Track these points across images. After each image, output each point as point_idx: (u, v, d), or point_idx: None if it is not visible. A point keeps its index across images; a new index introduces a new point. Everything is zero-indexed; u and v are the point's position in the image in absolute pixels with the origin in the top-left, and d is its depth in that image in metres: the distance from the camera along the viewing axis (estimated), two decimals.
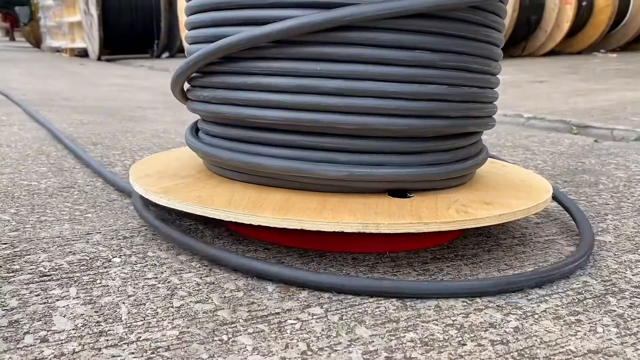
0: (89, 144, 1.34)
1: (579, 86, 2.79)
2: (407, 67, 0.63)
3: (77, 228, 0.76)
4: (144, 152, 1.26)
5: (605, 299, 0.58)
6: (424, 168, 0.68)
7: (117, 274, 0.61)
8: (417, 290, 0.57)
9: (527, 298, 0.58)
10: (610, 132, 1.59)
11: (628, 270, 0.66)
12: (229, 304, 0.55)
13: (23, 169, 1.08)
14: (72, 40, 6.92)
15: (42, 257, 0.65)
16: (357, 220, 0.60)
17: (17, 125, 1.61)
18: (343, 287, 0.57)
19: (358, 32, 0.62)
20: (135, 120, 1.78)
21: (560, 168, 1.18)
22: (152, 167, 0.81)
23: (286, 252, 0.68)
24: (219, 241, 0.71)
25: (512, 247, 0.72)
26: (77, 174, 1.05)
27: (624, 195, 0.98)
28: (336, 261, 0.66)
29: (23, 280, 0.59)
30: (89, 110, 1.99)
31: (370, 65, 0.63)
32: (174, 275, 0.61)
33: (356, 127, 0.64)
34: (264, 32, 0.63)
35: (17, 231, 0.74)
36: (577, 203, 0.92)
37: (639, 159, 1.28)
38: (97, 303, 0.55)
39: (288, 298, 0.57)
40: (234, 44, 0.65)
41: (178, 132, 1.57)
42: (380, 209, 0.63)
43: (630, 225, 0.82)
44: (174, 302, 0.55)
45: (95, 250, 0.68)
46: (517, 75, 3.44)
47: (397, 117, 0.64)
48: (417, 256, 0.68)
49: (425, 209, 0.64)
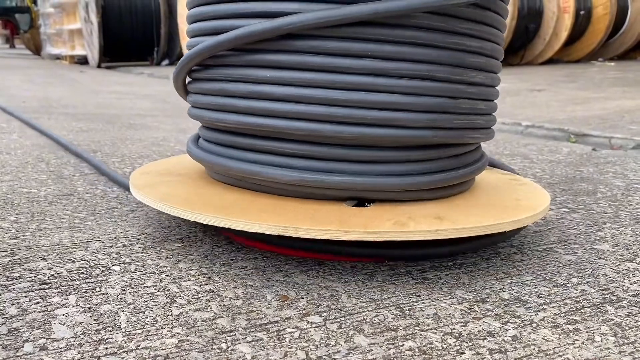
0: (88, 152, 1.34)
1: (577, 94, 2.80)
2: (355, 75, 0.64)
3: (77, 236, 0.76)
4: (143, 160, 1.27)
5: (603, 307, 0.58)
6: (379, 178, 0.67)
7: (116, 282, 0.61)
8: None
9: (525, 307, 0.58)
10: (608, 141, 1.59)
11: (626, 279, 0.66)
12: (228, 312, 0.55)
13: (23, 177, 1.08)
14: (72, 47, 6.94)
15: (41, 265, 0.65)
16: (278, 222, 0.60)
17: (17, 132, 1.61)
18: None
19: (303, 41, 0.63)
20: (134, 128, 1.79)
21: (558, 176, 1.19)
22: (160, 166, 0.86)
23: (285, 260, 0.68)
24: (218, 249, 0.72)
25: (510, 255, 0.72)
26: (76, 182, 1.05)
27: (622, 203, 0.98)
28: (335, 269, 0.66)
29: (23, 288, 0.59)
30: (88, 118, 1.99)
31: (318, 72, 0.64)
32: (173, 283, 0.61)
33: (307, 133, 0.65)
34: (219, 41, 0.66)
35: (16, 239, 0.74)
36: (576, 212, 0.93)
37: (637, 168, 1.28)
38: (96, 311, 0.55)
39: (287, 306, 0.57)
40: (196, 54, 0.69)
41: (178, 140, 1.57)
42: (317, 215, 0.63)
43: (628, 234, 0.82)
44: (173, 310, 0.55)
45: (94, 258, 0.68)
46: (515, 83, 3.45)
47: (347, 125, 0.65)
48: (415, 264, 0.68)
49: (365, 218, 0.64)
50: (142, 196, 0.71)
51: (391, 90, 0.64)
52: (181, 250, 0.71)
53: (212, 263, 0.67)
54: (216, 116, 0.71)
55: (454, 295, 0.60)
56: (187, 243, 0.74)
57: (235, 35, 0.64)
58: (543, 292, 0.61)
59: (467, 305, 0.58)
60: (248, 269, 0.66)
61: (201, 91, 0.73)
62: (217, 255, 0.70)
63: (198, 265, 0.66)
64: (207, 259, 0.68)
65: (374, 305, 0.58)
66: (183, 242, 0.74)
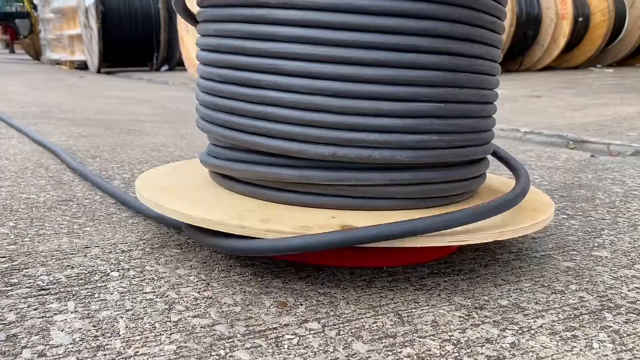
0: (88, 157, 1.34)
1: (575, 101, 2.81)
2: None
3: (76, 242, 0.76)
4: (142, 166, 1.27)
5: (602, 314, 0.59)
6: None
7: (115, 288, 0.61)
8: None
9: (523, 313, 0.58)
10: (607, 147, 1.60)
11: (624, 285, 0.66)
12: (227, 318, 0.55)
13: (22, 182, 1.08)
14: (71, 52, 6.95)
15: (40, 271, 0.65)
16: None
17: (16, 137, 1.61)
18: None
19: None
20: (134, 133, 1.79)
21: (557, 183, 1.19)
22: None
23: (284, 267, 0.68)
24: (216, 255, 0.72)
25: (508, 262, 0.73)
26: (75, 187, 1.05)
27: (620, 210, 0.99)
28: (333, 276, 0.66)
29: (21, 294, 0.59)
30: (88, 123, 2.00)
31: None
32: (172, 289, 0.62)
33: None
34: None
35: (15, 244, 0.74)
36: (574, 218, 0.93)
37: (635, 174, 1.29)
38: (95, 317, 0.55)
39: (286, 313, 0.57)
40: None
41: (177, 145, 1.57)
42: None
43: (627, 241, 0.82)
44: (171, 317, 0.55)
45: (93, 264, 0.68)
46: (514, 89, 3.46)
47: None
48: (414, 271, 0.68)
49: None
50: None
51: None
52: (180, 256, 0.71)
53: (210, 269, 0.67)
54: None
55: (453, 302, 0.60)
56: (186, 249, 0.74)
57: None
58: (541, 299, 0.62)
59: (465, 312, 0.58)
60: (247, 275, 0.66)
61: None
62: (216, 261, 0.70)
63: (197, 271, 0.67)
64: (206, 265, 0.68)
65: (373, 311, 0.58)
66: (182, 248, 0.74)
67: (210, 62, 0.71)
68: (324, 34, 0.62)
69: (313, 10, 0.62)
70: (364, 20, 0.62)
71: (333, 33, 0.62)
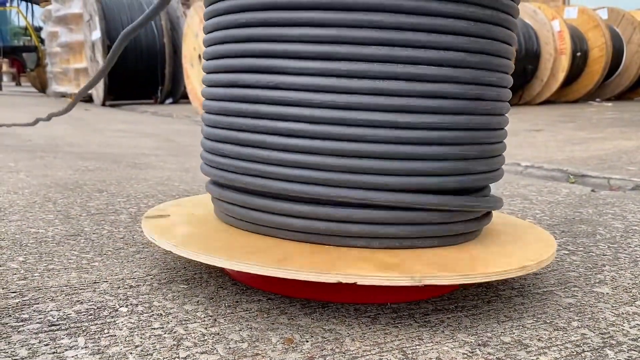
0: (94, 191, 1.36)
1: (575, 135, 2.84)
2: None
3: (85, 277, 0.77)
4: (148, 200, 1.29)
5: (603, 351, 0.59)
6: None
7: (124, 324, 0.62)
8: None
9: (526, 350, 0.59)
10: (607, 182, 1.62)
11: (626, 322, 0.67)
12: (234, 355, 0.56)
13: (30, 216, 1.10)
14: (77, 85, 7.06)
15: (50, 306, 0.67)
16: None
17: (24, 171, 1.64)
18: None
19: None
20: (139, 167, 1.81)
21: (558, 218, 1.20)
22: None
23: (289, 302, 0.69)
24: (223, 290, 0.73)
25: (511, 298, 0.73)
26: (83, 222, 1.07)
27: (621, 246, 1.00)
28: (338, 312, 0.67)
29: (32, 330, 0.60)
30: (94, 157, 2.02)
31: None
32: (180, 325, 0.63)
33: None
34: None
35: (25, 279, 0.75)
36: (575, 254, 0.94)
37: (636, 209, 1.30)
38: (105, 353, 0.56)
39: (292, 349, 0.58)
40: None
41: (182, 179, 1.59)
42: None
43: (628, 277, 0.83)
44: (180, 353, 0.56)
45: (102, 300, 0.69)
46: (514, 123, 3.50)
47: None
48: (418, 307, 0.69)
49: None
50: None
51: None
52: (187, 291, 0.72)
53: (217, 305, 0.68)
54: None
55: (456, 339, 0.61)
56: (193, 284, 0.75)
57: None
58: (544, 336, 0.62)
59: (469, 349, 0.59)
60: (253, 311, 0.67)
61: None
62: (222, 297, 0.71)
63: (204, 307, 0.68)
64: (213, 301, 0.69)
65: (378, 348, 0.58)
66: (189, 283, 0.75)
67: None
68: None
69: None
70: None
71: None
